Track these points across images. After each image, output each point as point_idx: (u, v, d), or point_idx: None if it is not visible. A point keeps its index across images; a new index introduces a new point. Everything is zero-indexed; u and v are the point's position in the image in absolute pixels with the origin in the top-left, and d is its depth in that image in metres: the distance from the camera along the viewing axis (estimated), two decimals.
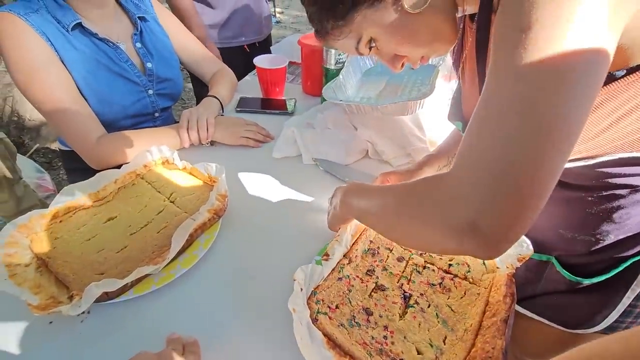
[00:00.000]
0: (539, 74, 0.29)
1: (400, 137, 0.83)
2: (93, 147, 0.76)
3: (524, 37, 0.29)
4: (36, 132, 1.93)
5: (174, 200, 0.65)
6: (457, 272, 0.53)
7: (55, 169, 1.88)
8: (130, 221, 0.60)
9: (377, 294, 0.51)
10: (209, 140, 0.84)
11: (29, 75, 0.72)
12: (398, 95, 0.89)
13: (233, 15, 1.25)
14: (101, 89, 0.80)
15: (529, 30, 0.29)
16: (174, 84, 0.94)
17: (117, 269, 0.53)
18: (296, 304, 0.44)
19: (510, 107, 0.30)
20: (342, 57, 0.95)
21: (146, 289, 0.51)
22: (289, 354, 0.46)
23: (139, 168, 0.70)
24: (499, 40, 0.32)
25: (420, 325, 0.47)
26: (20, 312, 0.48)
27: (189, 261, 0.55)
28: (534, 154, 0.29)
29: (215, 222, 0.61)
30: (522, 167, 0.29)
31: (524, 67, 0.29)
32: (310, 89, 1.09)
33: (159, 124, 0.95)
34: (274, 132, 0.90)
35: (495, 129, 0.30)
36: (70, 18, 0.75)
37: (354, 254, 0.56)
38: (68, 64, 0.75)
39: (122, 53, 0.83)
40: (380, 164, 0.83)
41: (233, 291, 0.54)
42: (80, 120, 0.76)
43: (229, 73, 1.04)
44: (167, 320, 0.50)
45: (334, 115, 0.88)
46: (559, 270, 0.53)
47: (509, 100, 0.30)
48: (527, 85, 0.29)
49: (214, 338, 0.48)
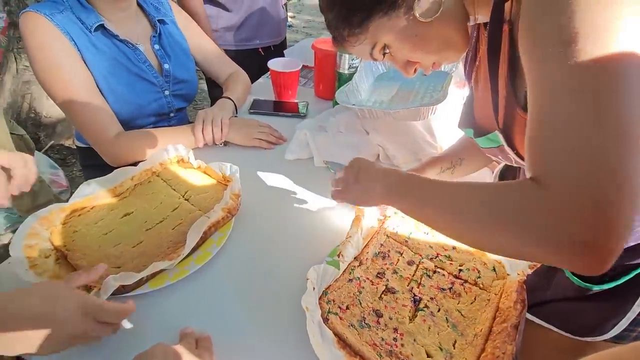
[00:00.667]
0: (601, 80, 0.29)
1: (412, 143, 0.83)
2: (111, 144, 0.78)
3: (571, 50, 0.29)
4: (52, 129, 1.97)
5: (188, 198, 0.66)
6: (467, 278, 0.54)
7: (69, 166, 1.92)
8: (146, 217, 0.61)
9: (387, 296, 0.51)
10: (222, 141, 0.86)
11: (52, 73, 0.74)
12: (410, 101, 0.89)
13: (248, 18, 1.27)
14: (120, 89, 0.82)
15: (574, 41, 0.29)
16: (190, 85, 0.96)
17: (133, 263, 0.54)
18: (309, 302, 0.45)
19: (583, 120, 0.30)
20: (356, 62, 0.96)
21: (160, 284, 0.52)
22: (300, 352, 0.47)
23: (155, 166, 0.72)
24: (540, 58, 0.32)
25: (430, 329, 0.48)
26: None
27: (202, 258, 0.56)
28: (625, 159, 0.29)
29: (229, 220, 0.63)
30: (620, 175, 0.29)
31: (583, 79, 0.29)
32: (322, 92, 1.10)
33: (174, 124, 0.97)
34: (286, 134, 0.91)
35: (576, 145, 0.30)
36: (94, 19, 0.77)
37: (365, 257, 0.56)
38: (89, 63, 0.78)
39: (141, 54, 0.85)
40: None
41: (245, 289, 0.55)
42: (99, 117, 0.78)
43: (243, 75, 1.06)
44: (180, 315, 0.51)
45: (346, 119, 0.89)
46: (568, 277, 0.53)
47: (579, 113, 0.30)
48: (593, 95, 0.29)
49: (225, 334, 0.49)
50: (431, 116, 0.80)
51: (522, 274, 0.50)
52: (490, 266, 0.55)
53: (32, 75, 1.89)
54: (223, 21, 1.27)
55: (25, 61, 1.86)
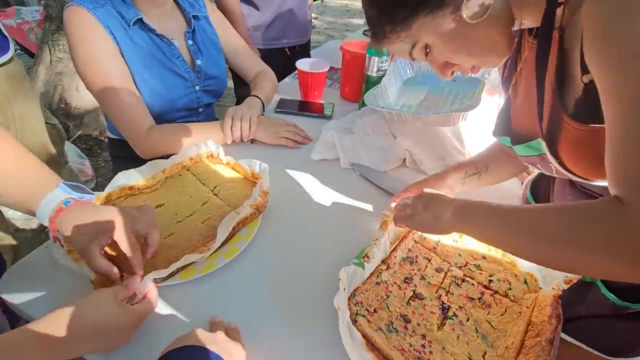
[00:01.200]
0: None
1: (440, 148, 0.82)
2: (144, 137, 0.80)
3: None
4: (80, 120, 2.04)
5: (217, 193, 0.67)
6: (497, 289, 0.53)
7: (95, 156, 1.97)
8: (176, 210, 0.63)
9: (415, 302, 0.51)
10: (250, 138, 0.87)
11: (91, 66, 0.76)
12: (439, 107, 0.88)
13: (277, 17, 1.28)
14: (153, 82, 0.84)
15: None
16: (219, 81, 0.98)
17: (164, 255, 0.55)
18: (340, 302, 0.45)
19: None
20: (384, 65, 0.95)
21: (190, 276, 0.53)
22: (327, 352, 0.47)
23: (185, 160, 0.73)
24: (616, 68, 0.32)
25: (459, 338, 0.47)
26: (77, 289, 0.52)
27: (230, 253, 0.57)
28: None
29: (256, 217, 0.63)
30: None
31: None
32: (348, 94, 1.11)
33: (202, 119, 0.99)
34: (311, 134, 0.92)
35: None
36: (133, 14, 0.79)
37: (392, 260, 0.56)
38: (126, 56, 0.80)
39: (175, 49, 0.87)
40: (417, 174, 0.82)
41: (271, 285, 0.55)
42: (134, 111, 0.80)
43: (271, 74, 1.07)
44: (207, 308, 0.52)
45: (373, 121, 0.89)
46: (604, 294, 0.51)
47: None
48: None
49: (251, 328, 0.49)
50: (461, 122, 0.79)
51: (557, 289, 0.48)
52: (521, 278, 0.54)
53: (65, 67, 1.97)
54: (252, 20, 1.29)
55: (59, 53, 1.93)
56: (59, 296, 0.52)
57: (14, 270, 0.56)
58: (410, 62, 1.03)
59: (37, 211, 0.49)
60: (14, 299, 0.52)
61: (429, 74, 1.02)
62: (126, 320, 0.43)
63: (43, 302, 0.51)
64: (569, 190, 0.57)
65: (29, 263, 0.57)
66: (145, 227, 0.51)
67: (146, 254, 0.52)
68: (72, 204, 0.49)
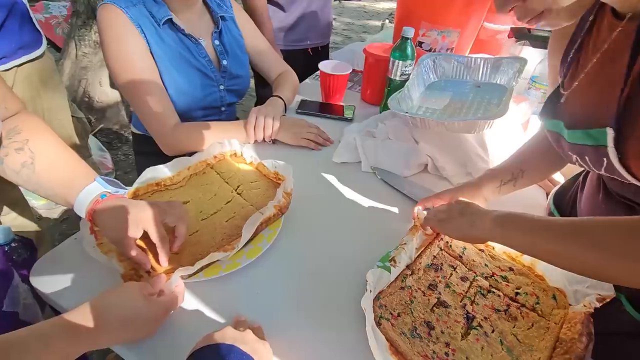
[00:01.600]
0: None
1: (462, 155, 0.81)
2: (169, 134, 0.82)
3: None
4: (102, 114, 2.09)
5: (240, 192, 0.68)
6: (524, 302, 0.52)
7: (115, 149, 2.02)
8: (201, 207, 0.64)
9: (439, 309, 0.50)
10: (272, 139, 0.87)
11: (122, 63, 0.78)
12: (463, 113, 0.88)
13: (301, 19, 1.29)
14: (180, 80, 0.85)
15: None
16: (243, 81, 0.99)
17: (188, 250, 0.56)
18: (367, 304, 0.45)
19: None
20: (408, 70, 0.95)
21: (214, 274, 0.54)
22: (347, 353, 0.47)
23: (210, 158, 0.74)
24: None
25: (483, 349, 0.47)
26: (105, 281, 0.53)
27: (253, 252, 0.58)
28: None
29: (278, 218, 0.64)
30: None
31: None
32: (369, 97, 1.10)
33: (224, 118, 1.00)
34: (331, 136, 0.92)
35: None
36: (163, 13, 0.81)
37: (417, 266, 0.55)
38: (155, 55, 0.81)
39: (202, 49, 0.88)
40: (439, 180, 0.82)
41: (293, 286, 0.56)
42: (161, 108, 0.82)
43: (293, 76, 1.07)
44: (230, 306, 0.52)
45: (395, 126, 0.89)
46: (627, 310, 0.49)
47: None
48: None
49: (274, 328, 0.49)
50: (486, 130, 0.78)
51: (588, 306, 0.47)
52: (550, 293, 0.53)
53: (89, 62, 2.02)
54: (277, 21, 1.30)
55: (85, 48, 1.98)
56: (87, 287, 0.53)
57: (44, 260, 0.57)
58: (433, 67, 1.02)
59: (76, 203, 0.50)
60: (44, 288, 0.53)
61: (453, 80, 1.01)
62: (152, 313, 0.44)
63: (71, 292, 0.53)
64: (602, 200, 0.55)
65: (58, 253, 0.59)
66: (174, 220, 0.53)
67: (173, 246, 0.53)
68: (107, 198, 0.51)
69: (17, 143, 0.49)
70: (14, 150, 0.49)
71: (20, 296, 0.54)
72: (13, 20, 0.96)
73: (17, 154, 0.49)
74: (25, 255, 0.59)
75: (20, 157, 0.49)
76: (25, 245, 0.60)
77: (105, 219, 0.50)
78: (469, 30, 1.16)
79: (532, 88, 0.92)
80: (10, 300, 0.51)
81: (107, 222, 0.50)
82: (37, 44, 1.06)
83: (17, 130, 0.50)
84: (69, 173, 0.52)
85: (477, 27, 1.19)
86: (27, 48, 1.02)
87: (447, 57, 1.00)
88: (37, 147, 0.50)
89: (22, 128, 0.50)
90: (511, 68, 0.92)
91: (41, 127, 0.53)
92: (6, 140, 0.49)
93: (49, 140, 0.52)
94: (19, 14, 0.99)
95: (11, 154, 0.49)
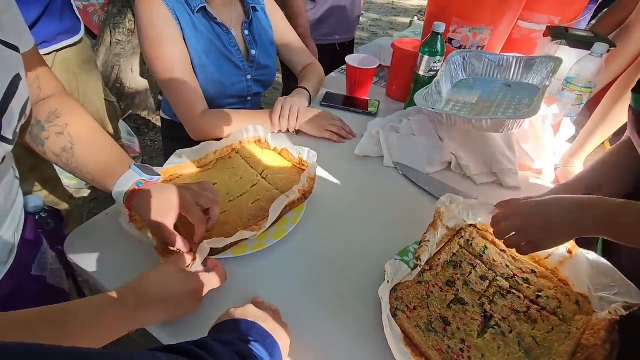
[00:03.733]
0: None
1: (488, 154, 0.80)
2: (197, 120, 0.84)
3: None
4: (132, 100, 2.16)
5: (265, 177, 0.70)
6: (545, 305, 0.51)
7: (142, 135, 2.09)
8: (228, 189, 0.66)
9: (457, 306, 0.50)
10: (296, 129, 0.88)
11: (157, 48, 0.81)
12: (492, 112, 0.86)
13: (330, 13, 1.29)
14: (210, 69, 0.88)
15: None
16: (270, 71, 1.00)
17: (218, 230, 0.58)
18: (384, 294, 0.45)
19: None
20: (436, 66, 0.94)
21: (242, 252, 0.56)
22: (363, 341, 0.48)
23: (235, 143, 0.76)
24: None
25: (500, 349, 0.46)
26: (136, 254, 0.56)
27: (279, 234, 0.59)
28: None
29: (302, 202, 0.65)
30: None
31: None
32: (395, 92, 1.10)
33: (249, 107, 1.02)
34: (355, 130, 0.92)
35: None
36: (198, 2, 0.83)
37: (436, 262, 0.55)
38: (188, 41, 0.84)
39: (233, 38, 0.90)
40: (462, 179, 0.81)
41: (312, 270, 0.57)
42: (191, 94, 0.84)
43: (319, 68, 1.08)
44: (249, 287, 0.54)
45: (419, 122, 0.88)
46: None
47: None
48: None
49: (290, 311, 0.50)
50: (516, 130, 0.76)
51: (614, 313, 0.46)
52: (573, 299, 0.51)
53: (122, 50, 2.09)
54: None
55: (119, 35, 2.05)
56: (118, 260, 0.56)
57: (77, 233, 0.61)
58: (463, 65, 1.00)
59: (115, 189, 0.52)
60: (77, 260, 0.56)
61: (483, 78, 0.99)
62: (191, 286, 0.45)
63: (103, 264, 0.56)
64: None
65: (90, 228, 0.62)
66: (208, 202, 0.54)
67: (207, 225, 0.55)
68: (143, 185, 0.53)
69: (57, 127, 0.51)
70: (55, 134, 0.51)
71: (48, 262, 0.57)
72: (55, 7, 1.01)
73: (57, 138, 0.51)
74: (54, 224, 0.63)
75: (60, 141, 0.51)
76: (54, 216, 0.63)
77: (143, 206, 0.51)
78: (502, 28, 1.13)
79: (566, 89, 0.88)
80: (39, 265, 0.54)
81: (145, 209, 0.51)
82: (77, 30, 1.11)
83: (57, 114, 0.51)
84: (106, 158, 0.53)
85: (510, 25, 1.16)
86: (67, 34, 1.08)
87: (477, 54, 0.98)
88: (76, 132, 0.52)
89: (62, 112, 0.52)
90: (545, 68, 0.89)
91: (79, 111, 0.54)
92: (47, 123, 0.51)
93: (87, 124, 0.53)
94: (60, 1, 1.04)
95: (52, 137, 0.51)
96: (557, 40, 0.93)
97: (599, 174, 0.63)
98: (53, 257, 0.58)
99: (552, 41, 0.94)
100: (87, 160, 0.52)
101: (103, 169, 0.53)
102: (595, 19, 1.34)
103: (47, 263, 0.56)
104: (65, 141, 0.51)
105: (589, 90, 0.87)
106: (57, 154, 0.51)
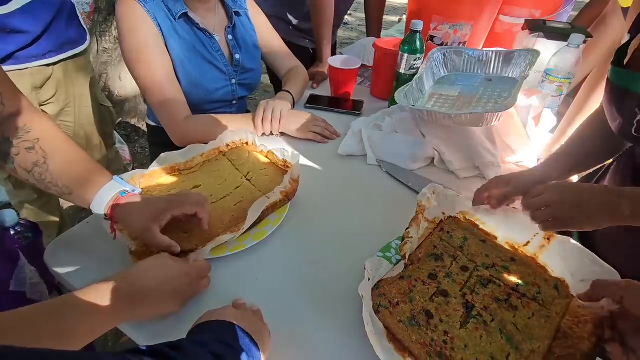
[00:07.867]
0: None
1: (470, 149, 0.81)
2: (180, 126, 0.84)
3: None
4: (120, 108, 2.15)
5: (250, 178, 0.70)
6: (525, 292, 0.52)
7: (132, 142, 2.08)
8: (211, 191, 0.66)
9: (439, 299, 0.51)
10: (279, 131, 0.89)
11: (138, 54, 0.81)
12: (472, 106, 0.87)
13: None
14: (193, 74, 0.88)
15: None
16: (254, 75, 1.01)
17: (198, 230, 0.59)
18: (365, 291, 0.46)
19: None
20: (417, 63, 0.95)
21: (221, 253, 0.57)
22: (346, 338, 0.48)
23: (222, 146, 0.77)
24: None
25: (482, 338, 0.47)
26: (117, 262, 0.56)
27: (259, 235, 0.60)
28: None
29: (285, 204, 0.65)
30: None
31: None
32: (378, 92, 1.11)
33: (234, 111, 1.03)
34: (340, 130, 0.93)
35: None
36: (179, 8, 0.84)
37: (417, 256, 0.56)
38: (170, 48, 0.84)
39: (216, 43, 0.91)
40: (445, 174, 0.82)
41: (294, 271, 0.57)
42: (173, 100, 0.84)
43: (303, 71, 1.09)
44: (231, 288, 0.54)
45: (401, 119, 0.89)
46: None
47: None
48: None
49: (272, 311, 0.50)
50: (495, 123, 0.77)
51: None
52: (552, 284, 0.52)
53: (110, 57, 2.08)
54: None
55: (105, 43, 2.05)
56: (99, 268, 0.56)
57: (57, 242, 0.60)
58: (444, 61, 1.01)
59: (95, 199, 0.52)
60: (57, 268, 0.56)
61: (464, 73, 1.00)
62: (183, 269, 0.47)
63: (84, 272, 0.55)
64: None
65: (71, 236, 0.62)
66: (192, 207, 0.55)
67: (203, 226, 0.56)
68: (127, 195, 0.53)
69: (27, 142, 0.49)
70: (25, 149, 0.49)
71: (27, 276, 0.56)
72: (60, 18, 1.02)
73: (28, 153, 0.49)
74: (32, 238, 0.62)
75: (32, 156, 0.49)
76: (30, 229, 0.62)
77: (128, 214, 0.52)
78: (482, 23, 1.14)
79: (546, 81, 0.90)
80: (17, 281, 0.54)
81: (132, 216, 0.52)
82: (82, 40, 1.12)
83: (27, 129, 0.50)
84: (85, 172, 0.53)
85: (491, 20, 1.18)
86: (72, 44, 1.08)
87: (457, 50, 1.00)
88: (49, 146, 0.50)
89: (32, 127, 0.50)
90: (524, 60, 0.91)
91: (50, 127, 0.52)
92: (16, 139, 0.49)
93: (61, 140, 0.52)
94: (67, 12, 1.04)
95: (22, 153, 0.49)
96: (535, 33, 0.94)
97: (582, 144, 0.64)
98: (32, 272, 0.57)
99: (530, 34, 0.95)
100: (63, 172, 0.51)
101: (82, 179, 0.52)
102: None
103: (25, 278, 0.55)
104: (38, 156, 0.50)
105: (568, 81, 0.89)
106: (29, 169, 0.50)
